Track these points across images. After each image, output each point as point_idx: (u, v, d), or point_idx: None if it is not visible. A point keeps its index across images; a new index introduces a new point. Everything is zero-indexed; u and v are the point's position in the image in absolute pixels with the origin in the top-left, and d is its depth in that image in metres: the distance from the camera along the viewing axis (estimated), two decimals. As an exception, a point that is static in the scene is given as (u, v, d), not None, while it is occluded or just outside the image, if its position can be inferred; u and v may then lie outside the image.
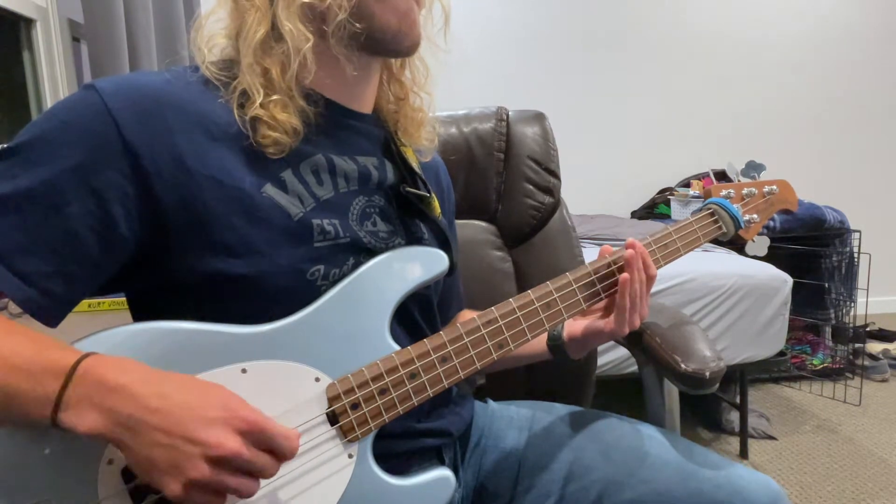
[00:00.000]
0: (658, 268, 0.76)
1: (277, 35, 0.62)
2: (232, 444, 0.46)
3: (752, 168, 0.88)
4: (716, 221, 0.83)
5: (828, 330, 2.57)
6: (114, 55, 1.52)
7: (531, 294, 0.69)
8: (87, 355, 0.48)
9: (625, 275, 0.71)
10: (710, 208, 0.84)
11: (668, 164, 3.15)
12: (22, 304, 0.53)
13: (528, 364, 0.87)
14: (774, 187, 0.88)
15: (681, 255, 0.79)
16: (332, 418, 0.59)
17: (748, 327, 1.87)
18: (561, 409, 0.84)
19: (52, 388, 0.46)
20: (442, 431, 0.74)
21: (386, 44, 0.65)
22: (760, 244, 0.87)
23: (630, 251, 0.72)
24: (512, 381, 1.07)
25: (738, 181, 0.88)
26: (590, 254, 1.01)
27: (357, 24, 0.62)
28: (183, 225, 0.57)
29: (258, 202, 0.59)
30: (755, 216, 0.86)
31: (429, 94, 0.77)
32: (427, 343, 0.63)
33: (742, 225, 0.84)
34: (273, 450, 0.49)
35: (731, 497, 0.68)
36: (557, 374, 1.09)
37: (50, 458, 0.49)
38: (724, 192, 0.85)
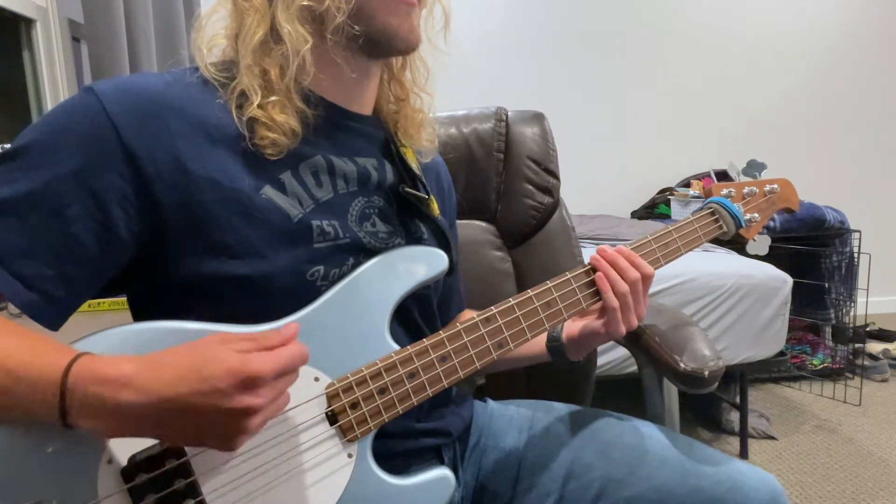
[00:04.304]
0: (658, 267, 0.76)
1: (276, 36, 0.62)
2: (255, 401, 0.47)
3: (754, 167, 0.88)
4: (716, 220, 0.83)
5: (828, 330, 2.56)
6: (114, 55, 1.52)
7: (531, 293, 0.69)
8: (76, 359, 0.47)
9: (598, 273, 0.72)
10: (710, 207, 0.84)
11: (668, 164, 3.15)
12: (23, 308, 0.53)
13: (527, 365, 0.87)
14: (776, 186, 0.88)
15: (681, 255, 0.79)
16: (332, 418, 0.59)
17: (748, 327, 1.87)
18: (561, 409, 0.84)
19: (52, 396, 0.46)
20: (442, 431, 0.74)
21: (384, 46, 0.65)
22: (762, 243, 0.87)
23: (594, 254, 0.73)
24: (512, 380, 1.07)
25: (739, 180, 0.88)
26: (589, 254, 1.01)
27: (356, 27, 0.62)
28: (182, 227, 0.57)
29: (257, 203, 0.59)
30: (756, 215, 0.86)
31: (429, 94, 0.77)
32: (426, 342, 0.63)
33: (743, 224, 0.84)
34: (288, 373, 0.51)
35: (731, 492, 0.68)
36: (557, 374, 1.09)
37: (50, 457, 0.49)
38: (724, 191, 0.85)
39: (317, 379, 0.59)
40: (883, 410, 2.25)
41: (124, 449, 0.51)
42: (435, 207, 0.75)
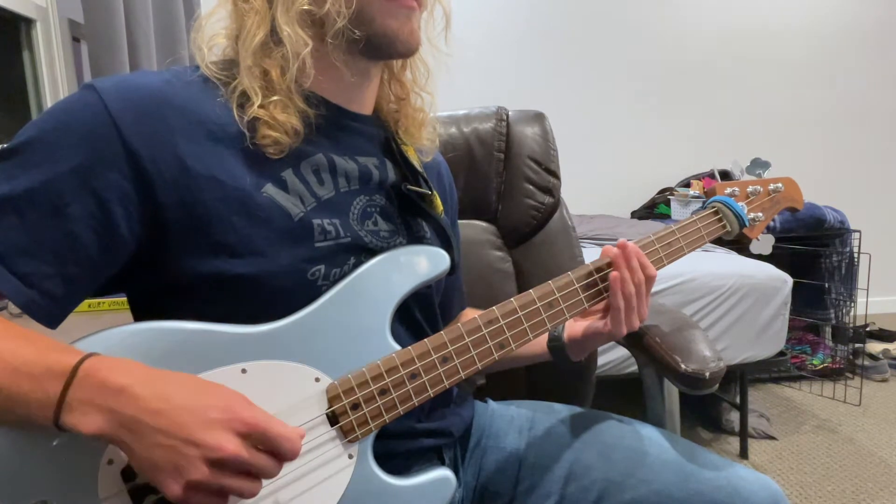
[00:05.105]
0: (661, 267, 0.76)
1: (277, 38, 0.61)
2: (231, 446, 0.46)
3: (758, 166, 0.88)
4: (720, 220, 0.83)
5: (828, 330, 2.57)
6: (114, 55, 1.52)
7: (533, 293, 0.69)
8: (88, 356, 0.48)
9: (614, 272, 0.71)
10: (713, 206, 0.84)
11: (668, 164, 3.15)
12: (22, 306, 0.53)
13: (528, 364, 0.86)
14: (780, 185, 0.87)
15: (684, 254, 0.79)
16: (333, 419, 0.58)
17: (748, 327, 1.87)
18: (561, 410, 0.84)
19: (54, 390, 0.46)
20: (442, 432, 0.73)
21: (384, 49, 0.65)
22: (765, 242, 0.87)
23: (615, 250, 0.72)
24: (512, 381, 1.07)
25: (743, 178, 0.88)
26: (589, 254, 1.01)
27: (356, 31, 0.62)
28: (183, 225, 0.57)
29: (259, 202, 0.59)
30: (760, 214, 0.85)
31: (429, 93, 0.77)
32: (428, 343, 0.63)
33: (746, 223, 0.83)
34: (274, 451, 0.49)
35: (731, 497, 0.68)
36: (558, 374, 1.09)
37: (50, 458, 0.49)
38: (728, 191, 0.85)
39: (317, 379, 0.59)
40: (883, 410, 2.25)
41: (125, 449, 0.51)
42: (438, 204, 0.75)
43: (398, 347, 0.62)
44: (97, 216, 0.54)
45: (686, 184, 2.97)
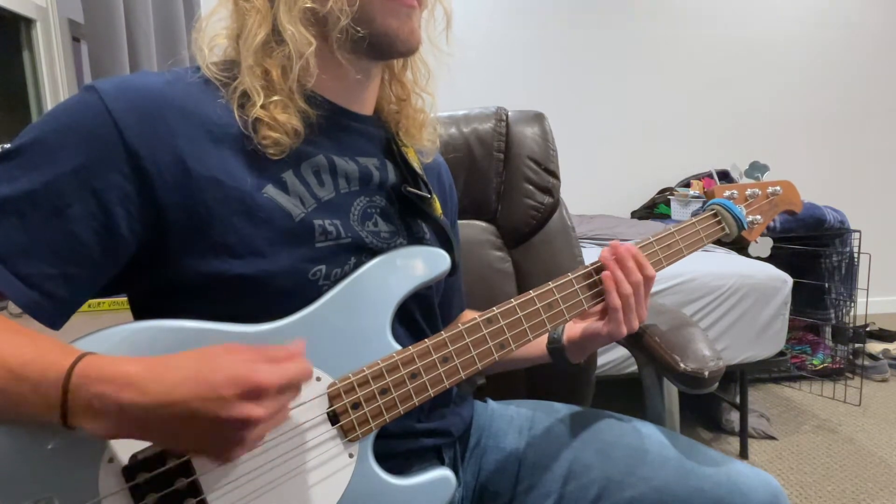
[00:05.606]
0: (660, 269, 0.76)
1: (278, 37, 0.62)
2: (256, 411, 0.47)
3: (756, 169, 0.88)
4: (719, 222, 0.83)
5: (828, 330, 2.57)
6: (114, 55, 1.52)
7: (533, 294, 0.69)
8: (80, 359, 0.47)
9: (606, 272, 0.71)
10: (713, 209, 0.84)
11: (668, 164, 3.15)
12: (24, 307, 0.53)
13: (527, 366, 0.87)
14: (778, 188, 0.88)
15: (684, 256, 0.79)
16: (333, 418, 0.59)
17: (748, 327, 1.87)
18: (561, 409, 0.84)
19: (54, 396, 0.46)
20: (442, 431, 0.74)
21: (385, 48, 0.65)
22: (763, 245, 0.87)
23: (604, 251, 0.72)
24: (512, 381, 1.07)
25: (742, 181, 0.88)
26: (589, 254, 1.01)
27: (359, 29, 0.62)
28: (184, 226, 0.57)
29: (259, 203, 0.59)
30: (758, 217, 0.86)
31: (430, 94, 0.77)
32: (428, 343, 0.63)
33: (745, 226, 0.84)
34: (291, 387, 0.51)
35: (731, 494, 0.68)
36: (557, 374, 1.09)
37: (51, 455, 0.49)
38: (727, 193, 0.85)
39: (318, 379, 0.59)
40: (883, 410, 2.25)
41: (125, 447, 0.51)
42: (437, 206, 0.75)
43: (398, 347, 0.62)
44: (98, 217, 0.54)
45: (686, 184, 2.97)
